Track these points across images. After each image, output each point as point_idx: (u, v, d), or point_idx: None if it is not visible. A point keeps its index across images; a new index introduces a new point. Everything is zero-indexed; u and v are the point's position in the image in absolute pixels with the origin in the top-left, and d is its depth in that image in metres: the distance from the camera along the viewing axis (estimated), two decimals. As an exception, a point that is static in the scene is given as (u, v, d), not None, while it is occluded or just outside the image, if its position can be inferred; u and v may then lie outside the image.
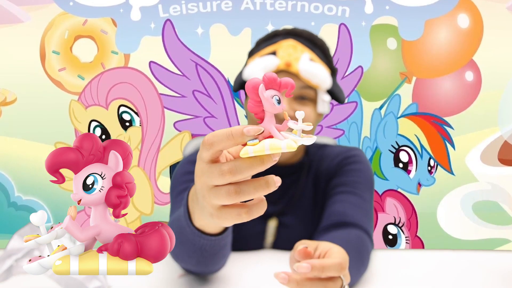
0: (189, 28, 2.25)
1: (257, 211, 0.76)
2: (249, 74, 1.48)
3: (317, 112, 1.52)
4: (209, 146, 0.70)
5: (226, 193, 0.72)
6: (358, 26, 2.27)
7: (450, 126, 2.32)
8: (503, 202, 2.34)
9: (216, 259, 1.21)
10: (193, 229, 1.05)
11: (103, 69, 2.25)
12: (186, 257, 1.19)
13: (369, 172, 1.59)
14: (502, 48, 2.28)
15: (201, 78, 2.27)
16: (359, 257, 1.25)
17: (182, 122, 2.29)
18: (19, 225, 2.22)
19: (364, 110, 2.32)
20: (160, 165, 2.30)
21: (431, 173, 2.34)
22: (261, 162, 0.68)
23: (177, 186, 1.51)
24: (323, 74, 1.46)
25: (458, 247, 2.34)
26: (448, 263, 1.55)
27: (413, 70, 2.30)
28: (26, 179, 2.27)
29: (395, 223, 2.36)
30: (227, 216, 0.76)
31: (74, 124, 2.26)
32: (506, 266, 1.51)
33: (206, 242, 1.09)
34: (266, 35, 1.59)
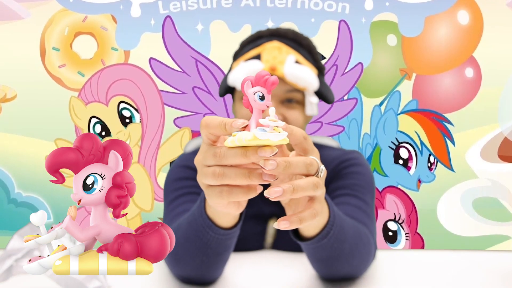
0: (189, 25, 2.25)
1: (239, 194, 0.81)
2: (233, 79, 1.48)
3: (305, 115, 1.52)
4: (204, 126, 0.78)
5: (212, 173, 0.78)
6: (358, 23, 2.27)
7: (450, 122, 2.31)
8: (503, 199, 2.33)
9: (218, 261, 1.23)
10: (205, 218, 1.09)
11: (103, 65, 2.25)
12: (189, 258, 1.20)
13: (370, 175, 1.58)
14: (502, 44, 2.28)
15: (201, 75, 2.27)
16: (358, 242, 1.24)
17: (182, 119, 2.29)
18: (19, 221, 2.24)
19: (364, 106, 2.32)
20: (160, 161, 2.30)
21: (431, 170, 2.34)
22: (244, 154, 0.73)
23: (168, 194, 1.54)
24: (309, 76, 1.46)
25: (458, 243, 2.34)
26: (448, 263, 1.55)
27: (413, 67, 2.30)
28: (26, 175, 2.27)
29: (395, 219, 2.36)
30: (211, 193, 0.83)
31: (74, 120, 2.26)
32: (506, 266, 1.51)
33: (213, 235, 1.12)
34: (250, 36, 1.58)
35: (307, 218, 0.84)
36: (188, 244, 1.17)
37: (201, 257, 1.18)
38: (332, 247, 1.14)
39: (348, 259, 1.21)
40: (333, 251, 1.15)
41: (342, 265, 1.22)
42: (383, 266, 1.44)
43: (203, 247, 1.15)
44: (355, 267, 1.27)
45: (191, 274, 1.25)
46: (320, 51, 2.09)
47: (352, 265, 1.24)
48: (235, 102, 1.56)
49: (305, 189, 0.80)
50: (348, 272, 1.27)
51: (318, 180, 0.82)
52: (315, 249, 1.15)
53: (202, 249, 1.15)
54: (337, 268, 1.23)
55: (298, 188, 0.79)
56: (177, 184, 1.53)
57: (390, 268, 1.44)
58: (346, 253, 1.19)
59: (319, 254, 1.17)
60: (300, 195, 0.80)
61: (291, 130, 0.80)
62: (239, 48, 1.61)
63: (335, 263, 1.20)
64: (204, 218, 1.09)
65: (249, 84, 0.73)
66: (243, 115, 1.50)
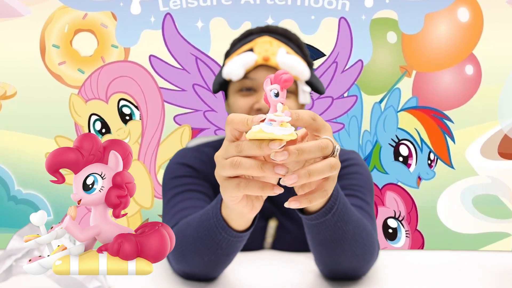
0: (189, 22, 2.24)
1: (255, 188, 0.82)
2: (228, 71, 1.52)
3: (299, 103, 1.54)
4: (229, 122, 0.82)
5: (230, 162, 0.81)
6: (358, 20, 2.27)
7: (450, 119, 2.31)
8: (503, 196, 2.34)
9: (226, 261, 1.25)
10: (220, 218, 1.11)
11: (103, 63, 2.25)
12: (197, 256, 1.22)
13: (368, 175, 1.59)
14: (502, 42, 2.28)
15: (201, 72, 2.27)
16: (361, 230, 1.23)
17: (182, 116, 2.29)
18: (19, 219, 2.24)
19: (364, 103, 2.32)
20: (160, 158, 2.30)
21: (431, 167, 2.34)
22: (259, 146, 0.77)
23: (167, 192, 1.56)
24: (301, 65, 1.50)
25: (458, 241, 2.34)
26: (448, 263, 1.55)
27: (413, 64, 2.30)
28: (26, 173, 2.27)
29: (395, 217, 2.36)
30: (228, 185, 0.84)
31: (74, 118, 2.26)
32: (505, 266, 1.51)
33: (225, 237, 1.13)
34: (241, 35, 1.63)
35: (318, 198, 0.84)
36: (198, 243, 1.18)
37: (210, 256, 1.19)
38: (335, 226, 1.14)
39: (351, 245, 1.21)
40: (336, 230, 1.15)
41: (345, 253, 1.21)
42: (383, 266, 1.44)
43: (213, 246, 1.16)
44: (359, 258, 1.25)
45: (196, 271, 1.26)
46: (320, 48, 2.09)
47: (355, 253, 1.23)
48: (230, 95, 1.59)
49: (321, 172, 0.81)
50: (351, 263, 1.26)
51: (335, 160, 0.82)
52: (318, 227, 1.15)
53: (212, 248, 1.17)
54: (340, 255, 1.22)
55: (314, 173, 0.80)
56: (175, 182, 1.55)
57: (390, 268, 1.44)
58: (349, 236, 1.19)
59: (322, 234, 1.17)
60: (316, 178, 0.80)
61: (297, 114, 0.81)
62: (230, 47, 1.66)
63: (338, 248, 1.20)
64: (218, 219, 1.10)
65: (268, 81, 0.77)
66: (238, 106, 1.53)
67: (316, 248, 1.26)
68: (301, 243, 1.56)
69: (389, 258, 1.53)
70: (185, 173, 1.57)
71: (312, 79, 1.55)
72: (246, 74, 1.49)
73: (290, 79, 0.75)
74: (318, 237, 1.20)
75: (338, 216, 1.12)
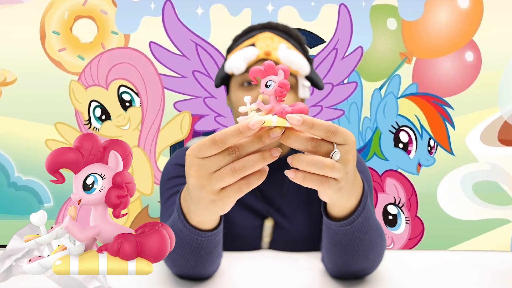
0: (189, 9, 2.24)
1: (256, 180, 0.83)
2: (230, 66, 1.56)
3: (298, 98, 1.56)
4: (222, 144, 0.79)
5: (229, 170, 0.80)
6: (358, 7, 2.26)
7: (450, 106, 2.31)
8: (503, 182, 2.34)
9: (212, 257, 1.25)
10: (190, 228, 1.11)
11: (103, 49, 2.25)
12: (183, 261, 1.23)
13: (367, 172, 1.61)
14: (502, 28, 2.28)
15: (201, 59, 2.26)
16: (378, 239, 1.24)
17: (182, 103, 2.29)
18: (19, 205, 2.24)
19: (364, 90, 2.32)
20: (160, 145, 2.30)
21: (431, 154, 2.34)
22: (259, 139, 0.79)
23: (163, 193, 1.60)
24: (301, 60, 1.53)
25: (458, 227, 2.35)
26: (447, 263, 1.56)
27: (413, 51, 2.30)
28: (26, 159, 2.27)
29: (395, 203, 2.37)
30: (229, 193, 0.84)
31: (74, 104, 2.26)
32: (504, 266, 1.52)
33: (203, 239, 1.14)
34: (243, 31, 1.66)
35: (313, 182, 0.85)
36: (180, 250, 1.19)
37: (195, 258, 1.20)
38: (353, 235, 1.16)
39: (365, 251, 1.22)
40: (353, 239, 1.17)
41: (358, 257, 1.22)
42: (383, 266, 1.45)
43: (195, 250, 1.17)
44: (370, 261, 1.26)
45: (188, 272, 1.27)
46: (320, 35, 2.08)
47: (369, 257, 1.24)
48: (232, 89, 1.61)
49: (315, 164, 0.83)
50: (362, 265, 1.26)
51: (331, 162, 0.83)
52: (336, 231, 1.17)
53: (194, 252, 1.18)
54: (352, 258, 1.23)
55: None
56: (171, 183, 1.59)
57: (390, 268, 1.45)
58: (366, 244, 1.20)
59: (339, 238, 1.19)
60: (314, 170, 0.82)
61: (312, 123, 0.81)
62: (232, 42, 1.69)
63: (352, 252, 1.21)
64: (189, 229, 1.11)
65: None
66: (240, 100, 1.56)
67: (329, 247, 1.27)
68: (298, 242, 1.59)
69: (389, 258, 1.53)
70: (181, 173, 1.59)
71: (311, 74, 1.58)
72: (248, 68, 1.51)
73: (271, 65, 0.79)
74: (334, 239, 1.21)
75: (357, 227, 1.14)
